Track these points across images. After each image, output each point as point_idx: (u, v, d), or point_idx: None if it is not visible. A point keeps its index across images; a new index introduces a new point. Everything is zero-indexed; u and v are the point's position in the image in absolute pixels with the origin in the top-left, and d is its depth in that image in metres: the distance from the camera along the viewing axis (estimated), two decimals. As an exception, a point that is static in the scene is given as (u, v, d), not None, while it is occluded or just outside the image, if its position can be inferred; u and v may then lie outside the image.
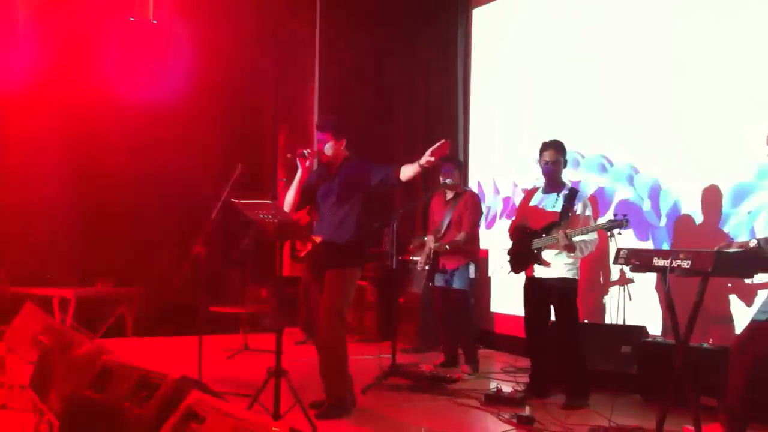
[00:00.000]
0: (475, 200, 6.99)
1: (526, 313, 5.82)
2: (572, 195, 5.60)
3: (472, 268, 6.81)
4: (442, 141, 4.83)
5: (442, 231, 6.85)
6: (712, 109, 5.98)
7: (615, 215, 5.17)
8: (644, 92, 6.59)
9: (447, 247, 6.71)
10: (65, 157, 8.62)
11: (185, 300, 7.14)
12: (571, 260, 5.54)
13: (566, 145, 5.76)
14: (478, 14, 8.91)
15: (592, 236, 5.41)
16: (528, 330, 5.84)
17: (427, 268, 6.86)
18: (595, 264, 6.65)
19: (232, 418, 2.77)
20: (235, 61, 9.44)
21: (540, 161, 5.73)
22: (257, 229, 6.17)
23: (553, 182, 5.71)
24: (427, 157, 4.75)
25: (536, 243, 5.56)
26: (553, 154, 5.64)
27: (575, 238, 5.33)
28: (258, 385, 4.60)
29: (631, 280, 6.25)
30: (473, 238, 6.93)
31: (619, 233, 5.20)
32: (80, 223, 8.69)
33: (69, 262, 8.58)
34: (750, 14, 5.76)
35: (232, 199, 4.75)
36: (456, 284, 6.77)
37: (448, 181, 6.64)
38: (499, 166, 8.26)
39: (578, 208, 5.56)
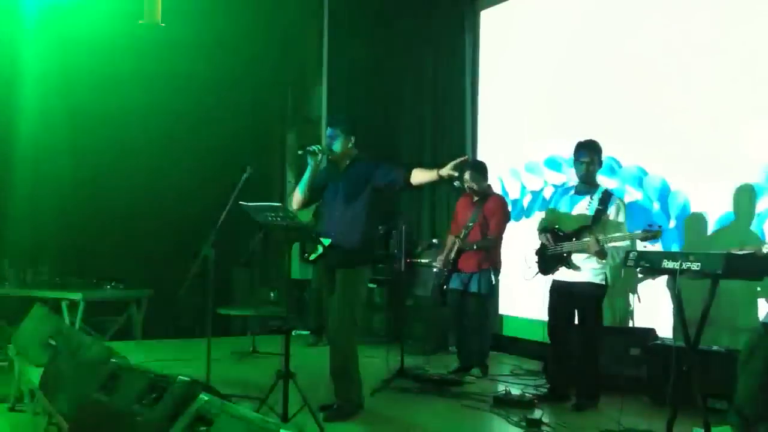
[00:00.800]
0: (503, 204, 6.85)
1: (550, 316, 5.73)
2: (606, 198, 5.49)
3: (492, 274, 6.66)
4: (465, 157, 4.83)
5: (466, 232, 6.69)
6: (720, 109, 5.96)
7: (650, 225, 5.06)
8: (652, 93, 6.57)
9: (475, 246, 6.56)
10: (75, 160, 8.67)
11: (194, 302, 7.16)
12: (600, 265, 5.45)
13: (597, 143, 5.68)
14: (486, 15, 8.90)
15: (626, 243, 5.32)
16: (552, 334, 5.73)
17: (444, 270, 6.77)
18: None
19: (241, 420, 2.78)
20: (243, 61, 9.47)
21: (575, 162, 5.65)
22: (266, 231, 6.19)
23: (587, 183, 5.62)
24: (448, 170, 4.68)
25: (567, 246, 5.47)
26: (589, 155, 5.55)
27: (608, 245, 5.27)
28: (267, 388, 4.61)
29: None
30: (497, 243, 6.74)
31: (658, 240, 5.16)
32: (90, 226, 8.73)
33: (78, 265, 8.62)
34: (755, 12, 5.74)
35: (240, 202, 4.76)
36: (473, 288, 6.65)
37: (456, 183, 6.61)
38: (506, 167, 8.24)
39: (612, 211, 5.46)
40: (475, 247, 6.57)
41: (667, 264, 3.94)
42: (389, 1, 9.65)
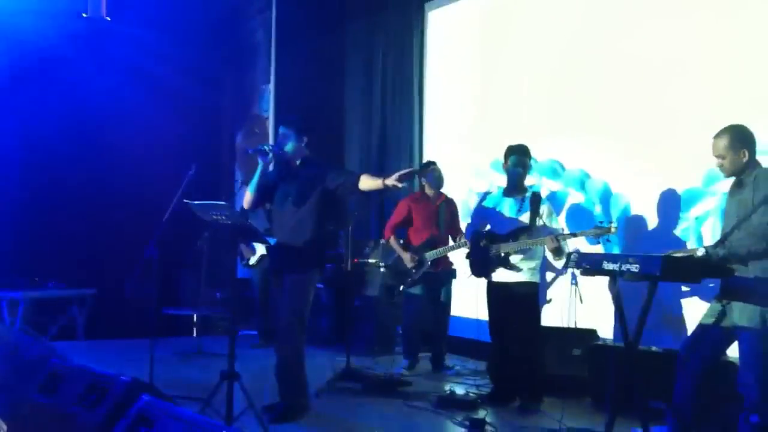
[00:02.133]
0: (454, 207, 7.06)
1: (491, 317, 5.79)
2: (537, 199, 5.59)
3: (452, 276, 6.77)
4: (412, 169, 4.92)
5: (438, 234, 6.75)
6: (660, 115, 6.10)
7: (601, 221, 5.20)
8: (594, 98, 6.70)
9: (465, 241, 6.47)
10: (18, 158, 8.48)
11: (139, 302, 7.07)
12: (533, 264, 5.56)
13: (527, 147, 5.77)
14: (434, 16, 8.96)
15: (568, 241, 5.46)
16: (494, 334, 5.80)
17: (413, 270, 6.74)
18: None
19: (184, 421, 2.76)
20: (192, 60, 9.38)
21: (504, 164, 5.73)
22: (212, 230, 6.13)
23: (516, 186, 5.70)
24: (393, 181, 4.69)
25: (504, 247, 5.52)
26: (518, 158, 5.64)
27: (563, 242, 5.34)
28: (211, 389, 4.58)
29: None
30: (448, 243, 6.81)
31: (608, 240, 5.26)
32: (31, 224, 8.56)
33: (19, 264, 8.44)
34: (701, 23, 5.89)
35: (185, 200, 4.72)
36: (443, 292, 6.78)
37: (423, 180, 6.68)
38: (453, 170, 8.29)
39: (545, 212, 5.56)
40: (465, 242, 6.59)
41: (607, 266, 4.00)
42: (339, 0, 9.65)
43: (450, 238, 6.80)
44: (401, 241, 6.89)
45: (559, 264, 5.48)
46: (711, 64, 5.77)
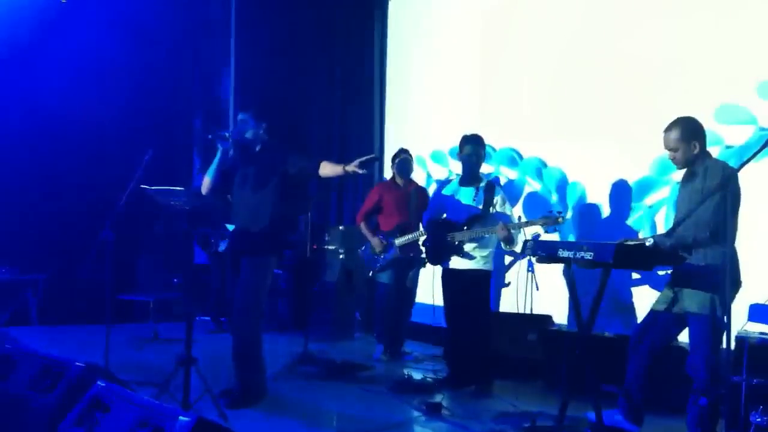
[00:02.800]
0: (423, 193, 7.07)
1: (446, 303, 5.86)
2: (491, 188, 5.66)
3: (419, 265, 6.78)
4: (373, 155, 4.92)
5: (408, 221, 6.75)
6: (615, 104, 6.19)
7: (550, 212, 5.26)
8: (550, 88, 6.78)
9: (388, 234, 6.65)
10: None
11: (93, 287, 6.99)
12: (486, 252, 5.63)
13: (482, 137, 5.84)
14: (394, 5, 8.97)
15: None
16: (448, 319, 5.86)
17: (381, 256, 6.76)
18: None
19: (140, 406, 2.76)
20: (149, 41, 9.23)
21: (459, 154, 5.79)
22: (169, 215, 6.09)
23: (471, 175, 5.76)
24: (354, 167, 4.73)
25: (458, 236, 5.59)
26: (473, 148, 5.71)
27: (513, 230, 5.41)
28: (168, 375, 4.56)
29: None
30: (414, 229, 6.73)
31: (555, 230, 5.32)
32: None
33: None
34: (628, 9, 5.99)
35: (142, 186, 4.68)
36: (409, 278, 6.81)
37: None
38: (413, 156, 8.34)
39: (498, 201, 5.64)
40: (390, 234, 6.66)
41: (563, 253, 4.08)
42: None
43: (420, 225, 6.81)
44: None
45: (512, 249, 5.56)
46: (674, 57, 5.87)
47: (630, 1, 6.22)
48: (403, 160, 6.91)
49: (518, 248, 5.51)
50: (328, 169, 4.94)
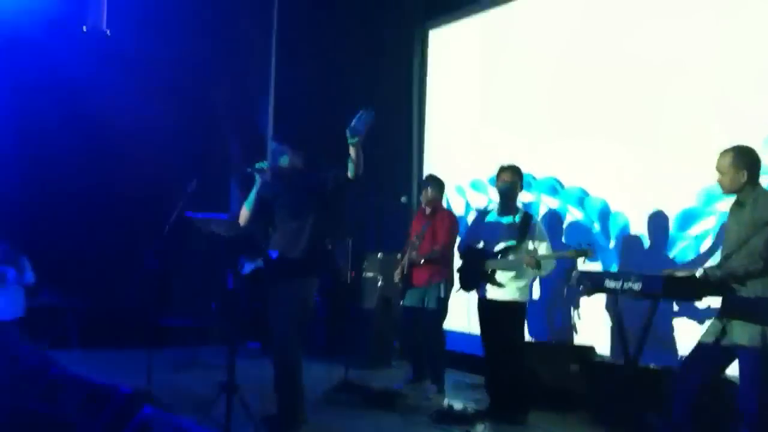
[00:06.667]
0: (451, 218, 6.90)
1: (482, 333, 5.84)
2: (527, 218, 5.66)
3: (442, 287, 6.59)
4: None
5: (417, 245, 6.70)
6: (660, 136, 6.13)
7: (579, 244, 5.27)
8: (593, 117, 6.73)
9: (422, 261, 6.59)
10: (16, 166, 8.45)
11: (135, 312, 7.04)
12: (523, 283, 5.61)
13: (519, 167, 5.85)
14: (435, 34, 9.01)
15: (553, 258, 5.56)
16: (486, 349, 5.83)
17: (399, 284, 6.76)
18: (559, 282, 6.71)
19: (186, 432, 2.76)
20: (189, 71, 9.37)
21: (497, 184, 5.81)
22: (208, 241, 6.11)
23: (509, 205, 5.77)
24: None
25: (490, 264, 5.61)
26: (510, 177, 5.73)
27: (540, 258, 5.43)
28: (209, 400, 4.57)
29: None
30: (447, 256, 6.70)
31: (597, 259, 5.30)
32: (29, 233, 8.51)
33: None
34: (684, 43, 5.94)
35: (186, 213, 4.72)
36: (424, 303, 6.66)
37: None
38: (452, 184, 8.32)
39: (533, 231, 5.62)
40: (422, 261, 6.61)
41: (610, 284, 4.04)
42: (339, 16, 9.66)
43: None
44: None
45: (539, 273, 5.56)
46: (715, 77, 5.82)
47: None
48: (425, 187, 6.88)
49: (545, 272, 5.54)
50: (352, 153, 4.91)
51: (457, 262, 6.29)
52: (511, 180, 5.73)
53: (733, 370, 4.22)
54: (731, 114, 5.57)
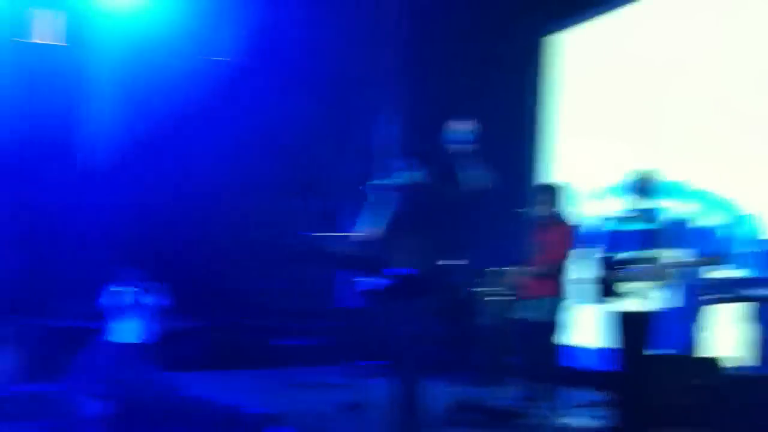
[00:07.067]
0: (568, 230, 6.60)
1: (613, 346, 5.69)
2: (660, 227, 5.55)
3: (556, 300, 6.41)
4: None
5: (533, 258, 6.53)
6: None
7: (708, 252, 5.20)
8: (728, 125, 6.58)
9: (537, 274, 6.40)
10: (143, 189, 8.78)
11: (252, 333, 7.12)
12: (656, 293, 5.44)
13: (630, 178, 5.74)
14: (562, 39, 9.03)
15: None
16: (615, 363, 5.69)
17: (508, 298, 6.68)
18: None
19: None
20: (318, 90, 9.56)
21: (629, 190, 5.70)
22: (328, 261, 6.18)
23: (643, 212, 5.64)
24: None
25: (623, 274, 5.47)
26: (643, 184, 5.63)
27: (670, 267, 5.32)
28: (332, 419, 4.57)
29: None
30: (561, 269, 6.46)
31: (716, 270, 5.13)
32: (162, 258, 8.76)
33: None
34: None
35: (313, 233, 4.78)
36: (539, 317, 6.53)
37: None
38: (574, 194, 8.18)
39: (666, 236, 5.49)
40: (537, 274, 6.48)
41: (750, 292, 3.84)
42: (463, 29, 9.67)
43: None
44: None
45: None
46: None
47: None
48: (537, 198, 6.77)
49: (673, 281, 5.44)
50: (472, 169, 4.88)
51: (579, 273, 6.15)
52: (642, 186, 5.62)
53: None
54: None
